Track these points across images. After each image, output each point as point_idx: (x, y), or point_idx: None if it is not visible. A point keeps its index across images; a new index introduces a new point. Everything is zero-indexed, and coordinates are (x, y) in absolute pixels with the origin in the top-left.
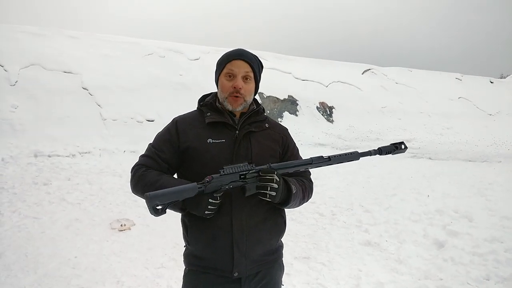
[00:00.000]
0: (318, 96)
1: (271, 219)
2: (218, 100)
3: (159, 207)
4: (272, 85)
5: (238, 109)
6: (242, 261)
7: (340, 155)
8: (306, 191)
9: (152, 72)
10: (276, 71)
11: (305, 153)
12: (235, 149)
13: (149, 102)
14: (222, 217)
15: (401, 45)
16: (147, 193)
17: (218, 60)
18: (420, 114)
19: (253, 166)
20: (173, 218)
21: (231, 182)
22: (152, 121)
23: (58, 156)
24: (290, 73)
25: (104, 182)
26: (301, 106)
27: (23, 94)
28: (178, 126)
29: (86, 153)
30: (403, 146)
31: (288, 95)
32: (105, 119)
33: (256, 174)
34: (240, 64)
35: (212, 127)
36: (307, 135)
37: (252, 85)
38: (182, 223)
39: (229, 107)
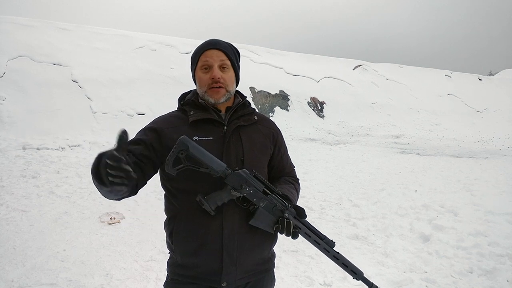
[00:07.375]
0: (309, 91)
1: None
2: (199, 96)
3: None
4: (263, 79)
5: (222, 100)
6: (232, 270)
7: (346, 263)
8: (298, 195)
9: (143, 66)
10: (268, 65)
11: (296, 148)
12: (225, 146)
13: (139, 96)
14: (211, 220)
15: (392, 41)
16: (184, 135)
17: (192, 55)
18: (410, 110)
19: (279, 191)
20: (162, 212)
21: (254, 187)
22: (143, 114)
23: (47, 149)
24: (281, 68)
25: None
26: (292, 101)
27: (11, 86)
28: (158, 127)
29: (75, 146)
30: None
31: (280, 90)
32: (95, 112)
33: (280, 207)
34: (214, 53)
35: (197, 126)
36: (298, 130)
37: (231, 73)
38: (165, 229)
39: (211, 101)
